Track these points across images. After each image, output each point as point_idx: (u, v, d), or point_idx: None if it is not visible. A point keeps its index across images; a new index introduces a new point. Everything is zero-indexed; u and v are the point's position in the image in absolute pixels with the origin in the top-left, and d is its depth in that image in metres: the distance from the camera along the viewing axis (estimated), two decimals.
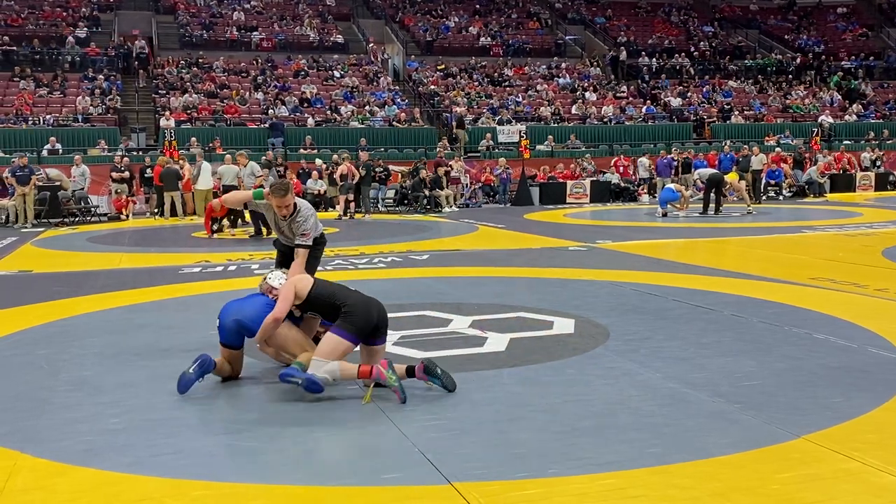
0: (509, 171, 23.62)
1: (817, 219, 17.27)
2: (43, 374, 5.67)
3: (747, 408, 4.61)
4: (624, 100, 32.03)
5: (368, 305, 5.08)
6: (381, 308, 5.15)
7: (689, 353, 5.92)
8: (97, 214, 20.10)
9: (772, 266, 10.20)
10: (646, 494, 3.52)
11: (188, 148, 22.69)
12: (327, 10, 36.36)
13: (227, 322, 5.30)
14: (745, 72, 35.95)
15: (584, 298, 8.21)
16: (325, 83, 30.35)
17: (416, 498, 3.55)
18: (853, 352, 5.86)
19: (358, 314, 4.99)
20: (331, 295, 5.14)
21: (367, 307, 5.06)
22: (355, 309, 5.00)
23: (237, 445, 4.27)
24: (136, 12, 34.01)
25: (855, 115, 32.87)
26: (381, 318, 5.12)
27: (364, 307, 5.05)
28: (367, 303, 5.10)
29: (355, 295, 5.16)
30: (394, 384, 4.79)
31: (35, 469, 3.96)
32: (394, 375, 4.81)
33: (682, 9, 40.96)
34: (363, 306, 5.05)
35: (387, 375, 4.80)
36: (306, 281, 5.25)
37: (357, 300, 5.09)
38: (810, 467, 3.78)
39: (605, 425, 4.39)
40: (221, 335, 5.34)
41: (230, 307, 5.39)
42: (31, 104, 26.14)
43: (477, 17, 37.38)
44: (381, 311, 5.14)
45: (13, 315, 7.92)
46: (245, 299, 5.49)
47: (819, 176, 25.07)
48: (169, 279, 10.07)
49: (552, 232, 15.25)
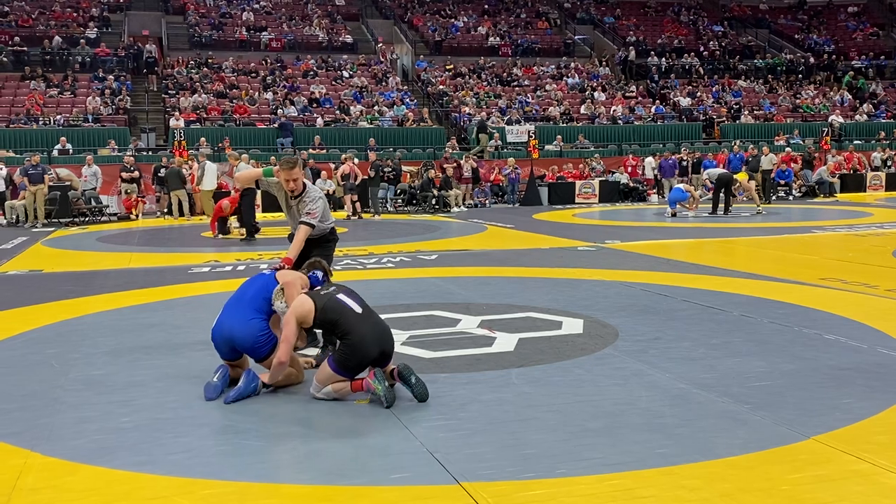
0: (518, 171, 23.62)
1: (827, 219, 17.21)
2: (53, 373, 5.70)
3: (757, 408, 4.60)
4: (633, 100, 31.98)
5: (365, 344, 4.82)
6: (384, 341, 4.93)
7: (699, 353, 5.91)
8: (107, 214, 20.19)
9: (782, 266, 10.16)
10: (655, 495, 3.51)
11: (197, 148, 22.76)
12: (336, 11, 36.42)
13: (219, 343, 5.23)
14: (755, 71, 35.84)
15: (592, 298, 8.20)
16: (334, 83, 30.40)
17: (424, 498, 3.55)
18: (863, 352, 5.84)
19: (353, 354, 4.80)
20: (334, 323, 4.90)
21: (364, 346, 4.81)
22: (352, 348, 4.81)
23: (246, 445, 4.28)
24: (145, 13, 34.14)
25: (865, 114, 32.72)
26: (384, 352, 4.91)
27: (360, 347, 4.80)
28: (366, 340, 4.82)
29: (360, 328, 4.85)
30: (379, 393, 4.71)
31: (45, 468, 3.98)
32: (380, 385, 4.72)
33: (691, 8, 40.86)
34: (359, 346, 4.80)
35: (374, 385, 4.74)
36: (307, 307, 4.92)
37: (357, 338, 4.81)
38: (820, 468, 3.77)
39: (614, 426, 4.39)
40: (219, 353, 5.27)
41: (221, 324, 5.21)
42: (42, 104, 26.25)
43: (486, 17, 37.38)
44: (386, 344, 4.93)
45: (24, 314, 7.95)
46: (233, 308, 5.23)
47: (829, 176, 24.98)
48: (178, 279, 10.10)
49: (561, 232, 15.24)
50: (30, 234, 16.73)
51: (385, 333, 4.99)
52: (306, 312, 4.92)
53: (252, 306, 5.17)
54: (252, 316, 5.13)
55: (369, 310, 5.05)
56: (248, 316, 5.13)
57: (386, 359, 4.96)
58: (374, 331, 4.91)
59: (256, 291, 5.24)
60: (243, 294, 5.31)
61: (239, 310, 5.19)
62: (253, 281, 5.43)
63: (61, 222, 18.92)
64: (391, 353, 5.01)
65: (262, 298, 5.19)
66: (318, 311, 4.91)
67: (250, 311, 5.15)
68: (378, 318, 5.05)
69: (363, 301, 5.10)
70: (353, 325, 4.85)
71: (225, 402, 4.92)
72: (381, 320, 5.08)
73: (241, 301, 5.25)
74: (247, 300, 5.22)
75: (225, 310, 5.29)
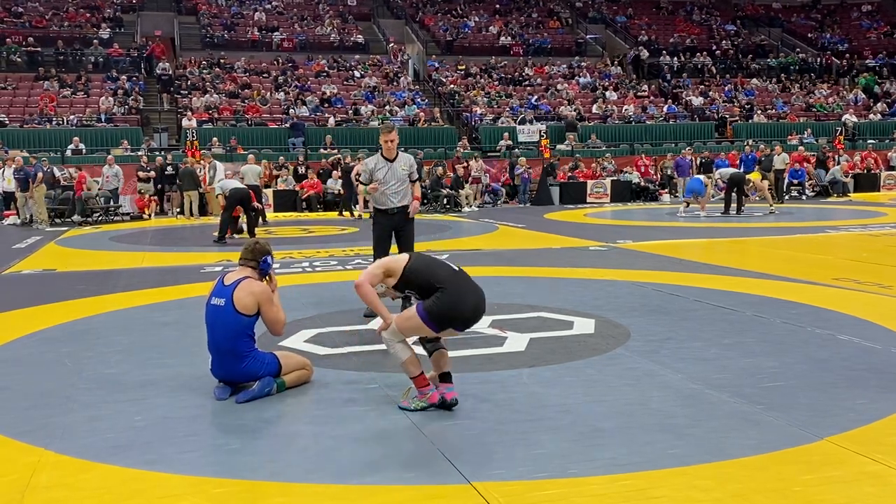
0: (529, 170, 23.59)
1: (841, 219, 17.11)
2: (67, 372, 5.73)
3: (769, 409, 4.58)
4: (645, 99, 31.87)
5: (462, 295, 4.60)
6: (478, 302, 4.68)
7: (711, 353, 5.88)
8: (120, 214, 20.29)
9: (794, 266, 10.11)
10: (667, 495, 3.50)
11: (209, 148, 22.85)
12: (348, 11, 36.47)
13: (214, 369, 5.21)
14: (768, 71, 35.66)
15: (604, 298, 8.18)
16: (346, 83, 30.44)
17: (436, 497, 3.55)
18: (877, 353, 5.80)
19: (447, 303, 4.55)
20: (428, 273, 4.67)
21: (461, 298, 4.59)
22: (448, 297, 4.56)
23: (257, 444, 4.29)
24: (158, 13, 34.29)
25: (879, 113, 32.51)
26: (477, 309, 4.66)
27: (456, 297, 4.57)
28: (462, 292, 4.61)
29: (456, 280, 4.66)
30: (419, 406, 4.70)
31: (59, 466, 4.00)
32: (423, 404, 4.69)
33: (703, 7, 40.69)
34: (456, 296, 4.57)
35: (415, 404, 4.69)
36: (401, 260, 4.83)
37: (454, 289, 4.60)
38: (833, 469, 3.75)
39: (625, 426, 4.38)
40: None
41: (218, 371, 5.17)
42: (55, 105, 26.41)
43: (497, 16, 37.34)
44: (478, 306, 4.68)
45: (37, 313, 8.00)
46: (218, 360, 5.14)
47: (843, 175, 24.83)
48: (191, 278, 10.14)
49: (572, 232, 15.21)
50: (43, 233, 16.82)
51: (481, 293, 4.73)
52: (396, 260, 4.84)
53: (231, 354, 5.07)
54: (239, 363, 5.07)
55: (467, 275, 4.83)
56: (237, 365, 5.07)
57: (476, 318, 4.70)
58: (470, 287, 4.70)
59: (223, 337, 5.09)
60: (217, 344, 5.13)
61: (226, 362, 5.10)
62: (212, 324, 5.17)
63: (74, 222, 19.01)
64: (482, 314, 4.75)
65: (231, 341, 5.06)
66: (409, 261, 4.79)
67: (233, 359, 5.07)
68: (475, 283, 4.81)
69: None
70: (449, 278, 4.66)
71: (237, 402, 4.94)
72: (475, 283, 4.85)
73: (219, 351, 5.13)
74: (224, 351, 5.10)
75: (212, 356, 5.19)
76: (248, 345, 5.13)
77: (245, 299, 5.08)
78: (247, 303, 5.08)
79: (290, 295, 8.77)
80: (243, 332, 5.10)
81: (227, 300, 5.10)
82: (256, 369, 5.08)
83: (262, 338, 6.64)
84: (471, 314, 4.65)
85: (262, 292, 5.17)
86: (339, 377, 5.50)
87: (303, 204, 22.35)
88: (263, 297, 5.16)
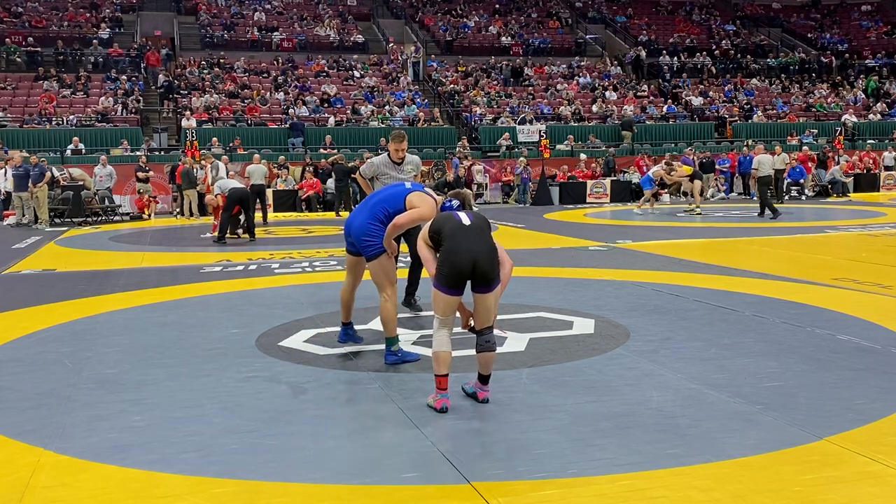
0: (529, 170, 23.59)
1: (840, 219, 17.11)
2: (67, 372, 5.73)
3: (769, 409, 4.58)
4: (645, 99, 31.87)
5: (456, 251, 4.59)
6: (475, 256, 4.59)
7: (711, 353, 5.89)
8: (119, 214, 20.29)
9: (794, 266, 10.12)
10: (666, 496, 3.51)
11: (209, 148, 22.86)
12: (347, 10, 36.45)
13: (345, 234, 5.96)
14: (768, 70, 35.66)
15: (604, 298, 8.19)
16: (346, 83, 30.43)
17: (435, 497, 3.56)
18: (876, 353, 5.81)
19: (444, 262, 4.62)
20: (439, 231, 4.74)
21: (455, 254, 4.59)
22: (444, 255, 4.63)
23: (258, 444, 4.29)
24: (157, 13, 34.27)
25: (879, 114, 32.51)
26: (476, 265, 4.59)
27: (451, 254, 4.60)
28: (458, 248, 4.60)
29: (457, 236, 4.65)
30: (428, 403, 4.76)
31: (59, 466, 4.00)
32: (429, 403, 4.75)
33: (703, 7, 40.69)
34: (450, 252, 4.60)
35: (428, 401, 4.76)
36: (437, 201, 5.43)
37: (451, 245, 4.62)
38: (833, 469, 3.75)
39: (625, 426, 4.38)
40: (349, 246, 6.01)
41: (349, 219, 5.91)
42: (55, 105, 26.40)
43: (497, 16, 37.34)
44: (476, 260, 4.58)
45: (37, 313, 8.00)
46: (360, 210, 5.86)
47: (842, 175, 24.84)
48: (191, 278, 10.14)
49: (572, 232, 15.22)
50: (43, 233, 16.82)
51: (482, 251, 4.62)
52: (432, 203, 5.45)
53: (372, 212, 5.74)
54: (369, 220, 5.71)
55: (481, 230, 4.75)
56: (367, 219, 5.73)
57: (481, 278, 4.61)
58: (469, 242, 4.63)
59: (379, 201, 5.78)
60: (369, 199, 5.91)
61: (362, 212, 5.82)
62: (385, 189, 6.01)
63: (74, 222, 19.01)
64: (487, 272, 4.62)
65: (381, 208, 5.72)
66: (435, 218, 4.95)
67: (369, 215, 5.73)
68: (485, 238, 4.71)
69: (485, 224, 4.83)
70: (451, 233, 4.67)
71: (386, 363, 5.71)
72: (490, 241, 4.73)
73: (366, 205, 5.87)
74: (369, 206, 5.80)
75: (357, 207, 6.03)
76: (384, 220, 5.69)
77: (423, 204, 5.60)
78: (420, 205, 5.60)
79: (289, 295, 8.78)
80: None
81: (403, 189, 5.86)
82: (368, 233, 5.69)
83: (262, 338, 6.67)
84: (467, 267, 4.59)
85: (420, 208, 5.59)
86: (338, 377, 5.50)
87: (302, 204, 22.38)
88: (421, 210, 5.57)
